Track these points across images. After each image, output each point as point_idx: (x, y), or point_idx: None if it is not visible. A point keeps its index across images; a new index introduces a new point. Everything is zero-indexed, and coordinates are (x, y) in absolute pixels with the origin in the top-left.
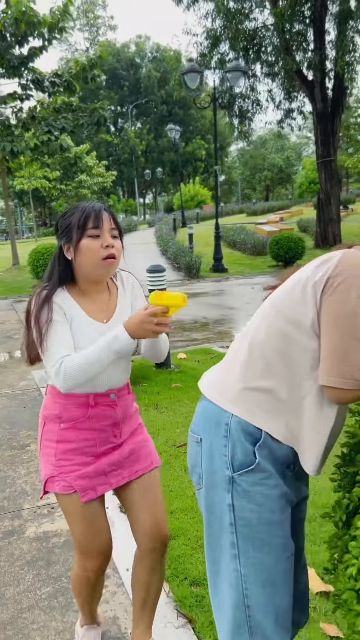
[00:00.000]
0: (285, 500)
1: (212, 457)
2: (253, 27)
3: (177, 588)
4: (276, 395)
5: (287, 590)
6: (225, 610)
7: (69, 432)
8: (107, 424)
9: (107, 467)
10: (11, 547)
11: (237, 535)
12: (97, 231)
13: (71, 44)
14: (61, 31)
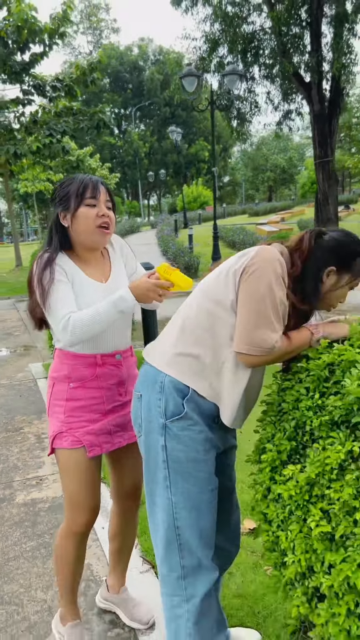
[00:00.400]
0: (210, 445)
1: (150, 409)
2: (251, 30)
3: (144, 542)
4: (202, 360)
5: (210, 515)
6: (159, 531)
7: (77, 391)
8: (114, 382)
9: (113, 428)
10: (1, 511)
11: (169, 470)
12: (94, 201)
13: (75, 47)
14: (62, 37)
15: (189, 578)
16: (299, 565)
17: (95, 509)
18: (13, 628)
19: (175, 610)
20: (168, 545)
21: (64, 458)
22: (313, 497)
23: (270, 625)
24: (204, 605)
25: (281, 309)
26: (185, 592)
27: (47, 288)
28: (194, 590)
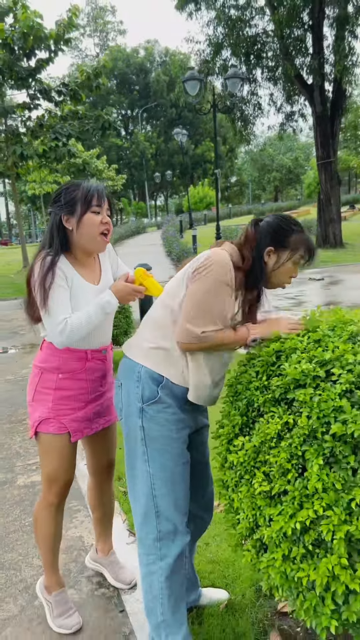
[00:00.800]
0: (182, 424)
1: (129, 395)
2: (253, 33)
3: (131, 517)
4: (172, 352)
5: (184, 485)
6: (139, 501)
7: (66, 382)
8: (98, 375)
9: (92, 415)
10: (4, 492)
11: (147, 447)
12: (99, 208)
13: (82, 49)
14: (67, 43)
15: (163, 540)
16: (247, 521)
17: (69, 482)
18: (12, 588)
19: (150, 567)
20: (147, 512)
21: (48, 441)
22: (257, 462)
23: (237, 585)
24: (175, 565)
25: (220, 310)
26: (159, 552)
27: (48, 291)
28: (167, 550)
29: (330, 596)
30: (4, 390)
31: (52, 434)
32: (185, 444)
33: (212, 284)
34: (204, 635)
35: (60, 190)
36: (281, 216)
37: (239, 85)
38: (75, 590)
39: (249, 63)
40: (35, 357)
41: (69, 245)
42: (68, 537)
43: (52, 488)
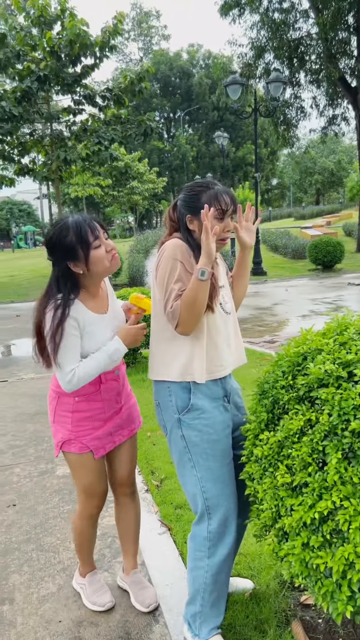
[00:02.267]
0: (221, 426)
1: (167, 410)
2: (297, 36)
3: (163, 509)
4: (180, 354)
5: (232, 485)
6: (195, 503)
7: (82, 404)
8: (114, 394)
9: (112, 429)
10: (44, 481)
11: (191, 453)
12: (98, 241)
13: (126, 54)
14: (112, 49)
15: (213, 540)
16: (271, 511)
17: (105, 493)
18: (51, 569)
19: (197, 562)
20: (201, 513)
21: (74, 460)
22: (281, 456)
23: (263, 577)
24: (223, 564)
25: (176, 282)
26: (208, 550)
27: (58, 345)
28: (215, 549)
29: (346, 583)
30: (45, 385)
31: (76, 453)
32: (228, 444)
33: (164, 265)
34: (228, 620)
35: (53, 240)
36: (187, 186)
37: (281, 89)
38: (108, 574)
39: (292, 66)
40: (52, 381)
41: (79, 286)
42: (103, 525)
43: (91, 501)
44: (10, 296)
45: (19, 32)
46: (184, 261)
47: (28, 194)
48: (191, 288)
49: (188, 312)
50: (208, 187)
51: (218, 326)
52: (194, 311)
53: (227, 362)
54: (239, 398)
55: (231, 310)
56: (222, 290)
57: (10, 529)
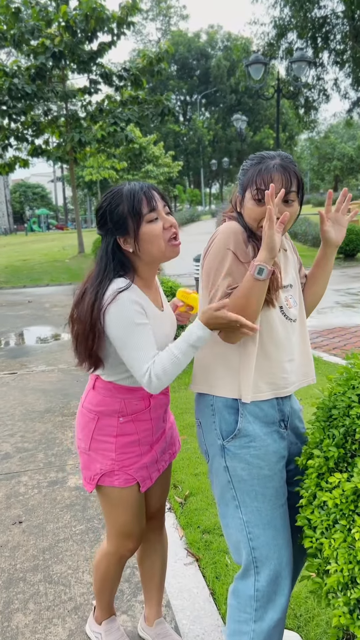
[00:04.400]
0: (275, 457)
1: (209, 432)
2: (322, 14)
3: (190, 534)
4: (229, 358)
5: (286, 531)
6: (238, 553)
7: (128, 425)
8: (162, 411)
9: (159, 455)
10: (54, 493)
11: (235, 490)
12: (154, 214)
13: (144, 35)
14: (129, 26)
15: (261, 601)
16: (342, 575)
17: (142, 533)
18: (60, 607)
19: (241, 626)
20: (246, 566)
21: (115, 495)
22: (359, 507)
23: (311, 629)
24: (272, 632)
25: (226, 275)
26: (255, 612)
27: (126, 339)
28: (264, 613)
29: None
30: (57, 380)
31: (119, 487)
32: (283, 480)
33: (213, 255)
34: None
35: (103, 209)
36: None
37: (305, 69)
38: (127, 617)
39: (316, 46)
40: (85, 399)
41: (131, 268)
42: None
43: (126, 543)
44: (23, 280)
45: (33, 6)
46: (237, 251)
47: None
48: (244, 287)
49: (241, 316)
50: (260, 161)
51: (277, 335)
52: (244, 316)
53: (287, 380)
54: (299, 422)
55: (297, 317)
56: (287, 292)
57: (15, 552)
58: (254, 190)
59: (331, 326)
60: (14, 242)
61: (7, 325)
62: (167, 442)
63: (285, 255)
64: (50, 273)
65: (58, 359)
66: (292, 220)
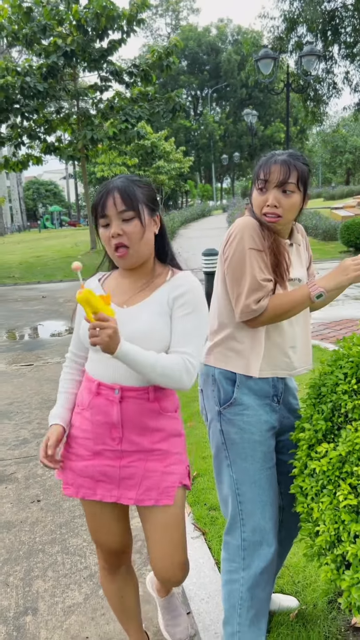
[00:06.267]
0: (266, 426)
1: (208, 400)
2: (332, 7)
3: (197, 510)
4: (231, 340)
5: (271, 492)
6: (227, 505)
7: (76, 417)
8: (104, 421)
9: (97, 474)
10: None
11: (228, 450)
12: (105, 220)
13: (153, 29)
14: (140, 23)
15: (248, 550)
16: (329, 534)
17: (114, 553)
18: (77, 575)
19: (231, 575)
20: (233, 517)
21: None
22: (343, 473)
23: (308, 594)
24: (260, 578)
25: (257, 275)
26: (243, 561)
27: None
28: (251, 561)
29: None
30: None
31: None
32: (271, 446)
33: (236, 260)
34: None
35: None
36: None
37: (315, 62)
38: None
39: (325, 39)
40: None
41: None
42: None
43: (97, 549)
44: (37, 276)
45: (45, 5)
46: (254, 245)
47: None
48: (296, 299)
49: (271, 318)
50: (268, 157)
51: (282, 324)
52: (278, 319)
53: (289, 365)
54: (293, 399)
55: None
56: (295, 285)
57: (34, 527)
58: (256, 180)
59: (339, 318)
60: (28, 239)
61: (23, 320)
62: (121, 476)
63: (299, 250)
64: (63, 269)
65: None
66: (292, 211)
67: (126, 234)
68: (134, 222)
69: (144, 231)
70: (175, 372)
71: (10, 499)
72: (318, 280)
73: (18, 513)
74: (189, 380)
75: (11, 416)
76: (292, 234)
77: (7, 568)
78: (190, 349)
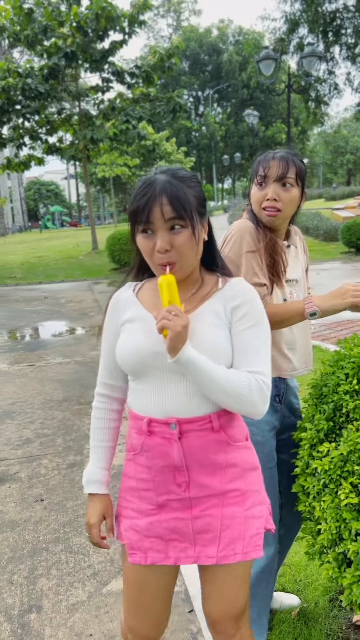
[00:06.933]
0: (267, 426)
1: None
2: (333, 9)
3: None
4: None
5: (273, 490)
6: None
7: (129, 465)
8: (164, 464)
9: (166, 533)
10: (73, 474)
11: None
12: (148, 225)
13: (155, 31)
14: (141, 24)
15: None
16: (330, 532)
17: (147, 638)
18: (80, 573)
19: None
20: None
21: (124, 550)
22: (344, 472)
23: (310, 592)
24: (259, 575)
25: (256, 264)
26: None
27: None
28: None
29: None
30: (73, 371)
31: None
32: (273, 446)
33: (234, 255)
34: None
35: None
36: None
37: (316, 64)
38: None
39: (327, 40)
40: None
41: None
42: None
43: (125, 627)
44: (39, 277)
45: (46, 7)
46: (251, 250)
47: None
48: (289, 312)
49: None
50: (266, 155)
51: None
52: (271, 326)
53: (289, 366)
54: (295, 398)
55: None
56: (292, 286)
57: (38, 526)
58: (255, 176)
59: (339, 319)
60: (29, 239)
61: (24, 320)
62: (194, 530)
63: (296, 251)
64: (64, 269)
65: (74, 351)
66: (291, 206)
67: (175, 248)
68: (184, 232)
69: (196, 243)
70: (246, 391)
71: (14, 498)
72: (315, 298)
73: (22, 512)
74: (262, 402)
75: (14, 416)
76: (290, 236)
77: (11, 566)
78: (260, 366)
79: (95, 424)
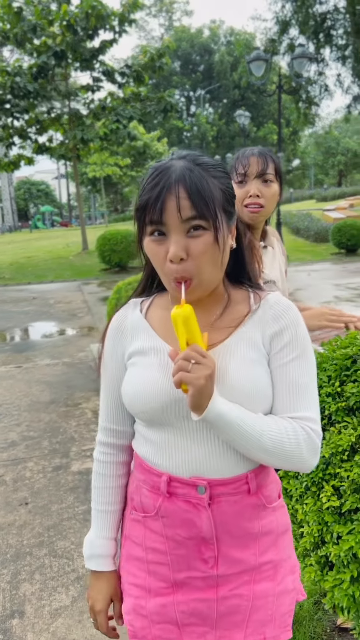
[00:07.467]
0: None
1: None
2: (324, 10)
3: None
4: None
5: None
6: None
7: (136, 528)
8: (188, 535)
9: (183, 617)
10: (59, 477)
11: None
12: (158, 227)
13: (147, 31)
14: (131, 23)
15: None
16: (312, 535)
17: None
18: (64, 578)
19: None
20: None
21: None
22: (326, 475)
23: None
24: None
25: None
26: None
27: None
28: None
29: None
30: (61, 372)
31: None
32: None
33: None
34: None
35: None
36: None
37: (306, 65)
38: None
39: (317, 42)
40: None
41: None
42: None
43: None
44: (28, 277)
45: (36, 5)
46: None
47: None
48: None
49: None
50: (241, 153)
51: None
52: None
53: None
54: None
55: None
56: (271, 287)
57: (22, 530)
58: (234, 174)
59: None
60: (19, 239)
61: (13, 321)
62: (219, 612)
63: (274, 252)
64: (54, 270)
65: (62, 352)
66: (272, 201)
67: (192, 257)
68: (206, 236)
69: (220, 251)
70: (293, 447)
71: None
72: None
73: (6, 516)
74: (312, 456)
75: (0, 418)
76: (266, 237)
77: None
78: (308, 410)
79: (98, 482)
